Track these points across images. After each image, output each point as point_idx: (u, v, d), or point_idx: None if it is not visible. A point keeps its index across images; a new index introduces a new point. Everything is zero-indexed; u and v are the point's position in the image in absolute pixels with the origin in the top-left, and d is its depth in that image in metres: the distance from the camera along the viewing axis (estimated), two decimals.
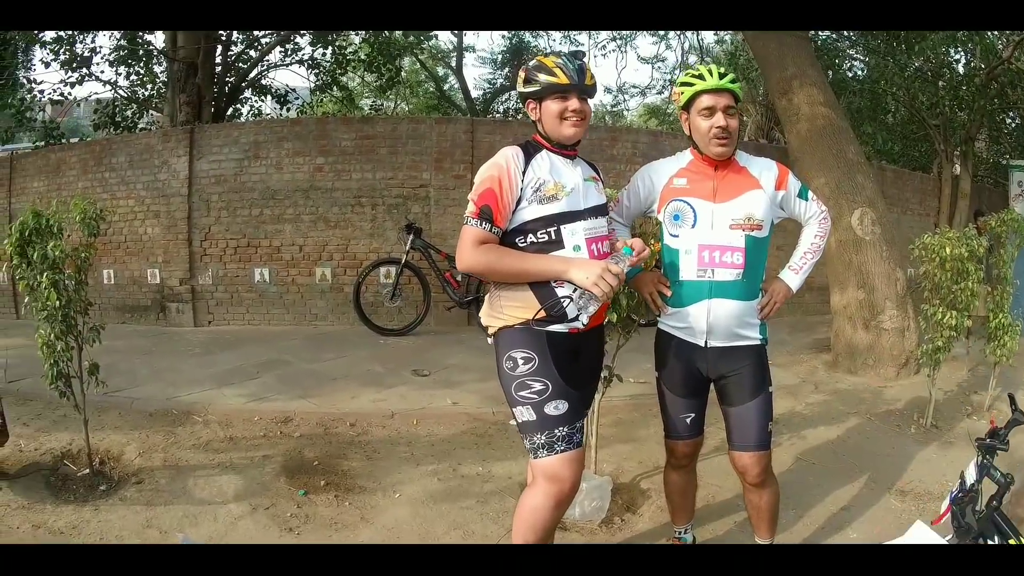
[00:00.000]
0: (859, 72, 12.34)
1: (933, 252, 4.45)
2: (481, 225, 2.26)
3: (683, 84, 2.56)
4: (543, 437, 2.25)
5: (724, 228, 2.51)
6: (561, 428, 2.25)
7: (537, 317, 2.29)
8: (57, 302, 3.39)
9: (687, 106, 2.55)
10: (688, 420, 2.69)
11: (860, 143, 7.56)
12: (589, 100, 2.42)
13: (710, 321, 2.53)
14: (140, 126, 12.34)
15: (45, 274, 3.38)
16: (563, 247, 2.29)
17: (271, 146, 8.23)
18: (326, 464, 3.95)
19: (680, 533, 3.00)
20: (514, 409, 2.32)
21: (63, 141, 11.40)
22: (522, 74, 2.41)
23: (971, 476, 2.04)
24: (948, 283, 4.43)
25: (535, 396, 2.26)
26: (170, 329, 8.09)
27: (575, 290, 2.22)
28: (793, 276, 2.72)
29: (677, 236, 2.57)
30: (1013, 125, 13.18)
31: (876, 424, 4.70)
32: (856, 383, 5.70)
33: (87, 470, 3.73)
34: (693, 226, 2.53)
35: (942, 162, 11.38)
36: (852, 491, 3.66)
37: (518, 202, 2.28)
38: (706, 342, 2.56)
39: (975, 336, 5.40)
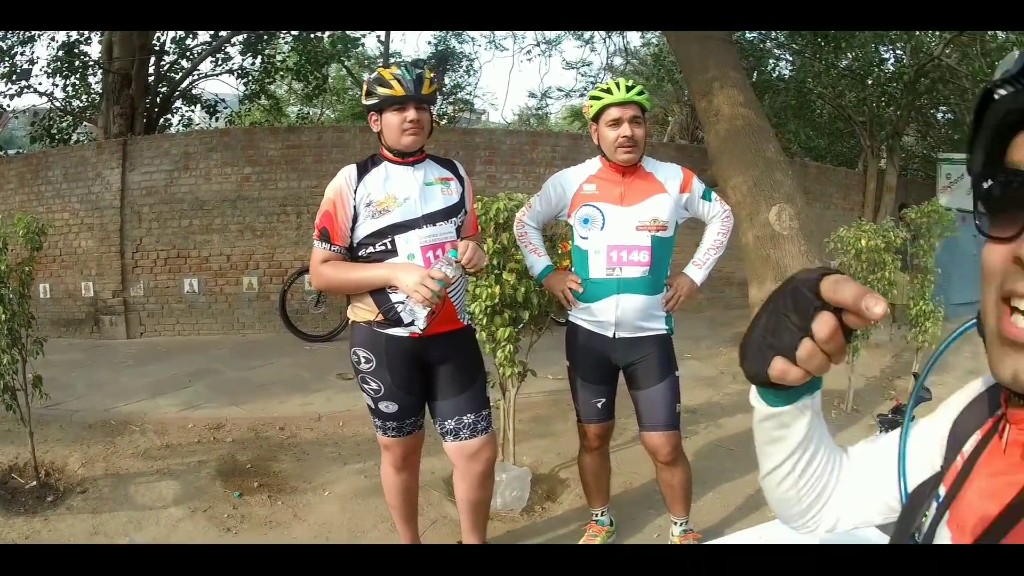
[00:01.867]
0: (785, 72, 12.55)
1: (848, 245, 4.68)
2: (322, 246, 2.45)
3: (592, 98, 2.73)
4: (378, 421, 2.63)
5: (631, 230, 2.67)
6: (391, 422, 2.61)
7: (377, 319, 2.46)
8: (3, 315, 3.40)
9: (596, 118, 2.71)
10: (599, 404, 2.86)
11: (785, 141, 7.65)
12: (430, 108, 2.52)
13: (618, 315, 2.69)
14: (74, 138, 12.05)
15: None
16: (398, 255, 2.42)
17: (200, 157, 8.16)
18: (258, 467, 4.05)
19: (597, 516, 3.15)
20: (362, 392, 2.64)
21: (0, 153, 11.07)
22: (364, 87, 2.50)
23: None
24: (864, 273, 4.64)
25: (372, 392, 2.57)
26: (104, 342, 7.98)
27: (407, 296, 2.31)
28: (697, 271, 2.87)
29: (587, 238, 2.73)
30: (943, 120, 13.34)
31: None
32: None
33: (34, 482, 3.75)
34: (602, 228, 2.69)
35: (867, 157, 11.68)
36: None
37: (356, 219, 2.43)
38: (615, 334, 2.72)
39: (899, 323, 5.63)
